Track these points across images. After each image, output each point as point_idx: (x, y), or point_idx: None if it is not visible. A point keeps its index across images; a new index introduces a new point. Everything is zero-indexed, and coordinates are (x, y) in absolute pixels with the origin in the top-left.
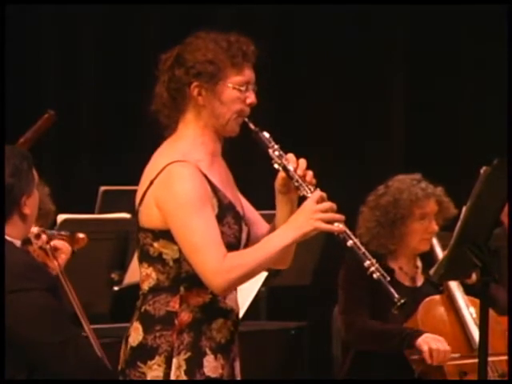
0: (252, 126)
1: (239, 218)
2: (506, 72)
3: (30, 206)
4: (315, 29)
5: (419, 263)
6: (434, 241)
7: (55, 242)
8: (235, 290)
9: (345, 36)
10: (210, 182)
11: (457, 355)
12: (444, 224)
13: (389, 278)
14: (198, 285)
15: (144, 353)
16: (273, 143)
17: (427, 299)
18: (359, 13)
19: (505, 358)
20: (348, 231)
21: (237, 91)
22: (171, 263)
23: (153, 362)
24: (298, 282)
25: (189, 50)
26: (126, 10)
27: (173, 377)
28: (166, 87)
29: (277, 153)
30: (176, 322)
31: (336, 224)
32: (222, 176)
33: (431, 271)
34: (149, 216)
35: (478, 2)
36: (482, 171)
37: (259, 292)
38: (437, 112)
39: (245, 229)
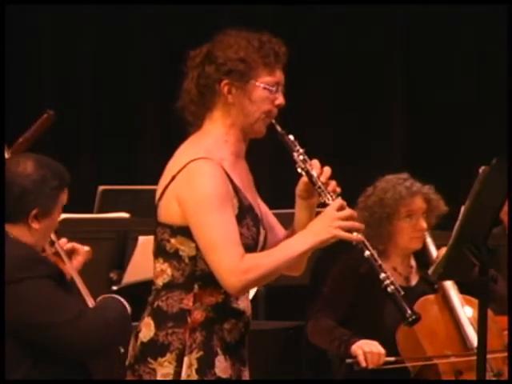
0: (279, 129)
1: (258, 221)
2: (505, 72)
3: (42, 223)
4: (315, 28)
5: (413, 262)
6: (428, 239)
7: (74, 244)
8: (248, 291)
9: (345, 36)
10: (231, 181)
11: (450, 353)
12: (437, 222)
13: (403, 293)
14: (212, 284)
15: (155, 349)
16: (298, 147)
17: (422, 299)
18: (359, 13)
19: (501, 355)
20: (366, 242)
21: (267, 91)
22: (187, 260)
23: (164, 358)
24: (297, 282)
25: (220, 47)
26: (126, 10)
27: (183, 376)
28: (195, 83)
29: (301, 157)
30: (189, 319)
31: (355, 233)
32: (243, 177)
33: (430, 270)
34: (168, 211)
35: (477, 2)
36: (480, 171)
37: (258, 292)
38: (436, 112)
39: (262, 232)
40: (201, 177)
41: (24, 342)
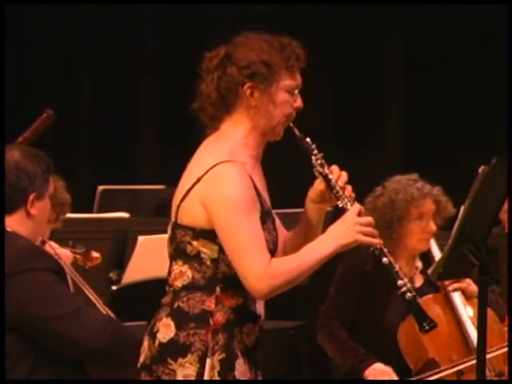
0: (297, 132)
1: (275, 225)
2: (506, 72)
3: (39, 208)
4: (314, 28)
5: (419, 263)
6: (432, 240)
7: (58, 251)
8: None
9: (344, 35)
10: (254, 185)
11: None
12: (443, 224)
13: (420, 299)
14: (232, 286)
15: (175, 349)
16: (316, 151)
17: (424, 298)
18: (359, 12)
19: (501, 351)
20: (384, 248)
21: (288, 94)
22: (208, 263)
23: (185, 359)
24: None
25: (241, 49)
26: (126, 10)
27: (206, 377)
28: (215, 86)
29: (319, 161)
30: (211, 321)
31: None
32: (261, 181)
33: (429, 270)
34: (191, 214)
35: (477, 2)
36: (480, 170)
37: None
38: (436, 112)
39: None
40: (229, 180)
41: (25, 336)
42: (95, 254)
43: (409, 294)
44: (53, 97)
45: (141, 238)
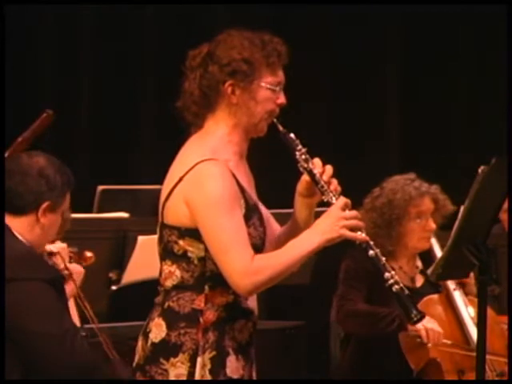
0: (280, 128)
1: (263, 220)
2: (505, 72)
3: (50, 219)
4: (314, 28)
5: (419, 263)
6: (433, 240)
7: (70, 266)
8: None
9: (343, 36)
10: (237, 182)
11: (449, 342)
12: (443, 222)
13: (407, 292)
14: (221, 284)
15: (167, 349)
16: (300, 146)
17: (425, 298)
18: (358, 13)
19: (504, 359)
20: (370, 241)
21: (270, 91)
22: (196, 261)
23: (176, 359)
24: (297, 282)
25: (222, 47)
26: (125, 10)
27: (197, 376)
28: (197, 84)
29: (303, 156)
30: (201, 320)
31: (359, 233)
32: (246, 177)
33: (429, 270)
34: (176, 213)
35: (477, 2)
36: (479, 170)
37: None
38: (436, 112)
39: (267, 231)
40: (210, 179)
41: (14, 348)
42: (89, 254)
43: (396, 286)
44: (53, 97)
45: (140, 238)
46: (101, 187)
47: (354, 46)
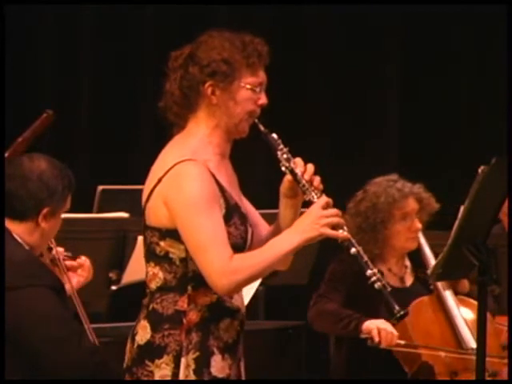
0: (262, 128)
1: (245, 219)
2: (505, 72)
3: (50, 224)
4: (314, 28)
5: (408, 263)
6: (422, 240)
7: (68, 263)
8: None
9: (343, 35)
10: (217, 182)
11: (403, 342)
12: (429, 220)
13: (390, 289)
14: (204, 284)
15: (152, 351)
16: (282, 146)
17: (416, 301)
18: (357, 13)
19: (497, 360)
20: (352, 239)
21: (250, 92)
22: (178, 262)
23: (161, 360)
24: (296, 282)
25: (203, 48)
26: (125, 10)
27: (181, 376)
28: (178, 85)
29: (285, 156)
30: (184, 321)
31: (340, 231)
32: (228, 177)
33: (429, 271)
34: (156, 214)
35: (477, 2)
36: (479, 170)
37: (257, 291)
38: (435, 112)
39: (249, 230)
40: (188, 179)
41: (17, 354)
42: (83, 258)
43: (378, 284)
44: (53, 97)
45: (140, 238)
46: (101, 187)
47: (353, 46)
